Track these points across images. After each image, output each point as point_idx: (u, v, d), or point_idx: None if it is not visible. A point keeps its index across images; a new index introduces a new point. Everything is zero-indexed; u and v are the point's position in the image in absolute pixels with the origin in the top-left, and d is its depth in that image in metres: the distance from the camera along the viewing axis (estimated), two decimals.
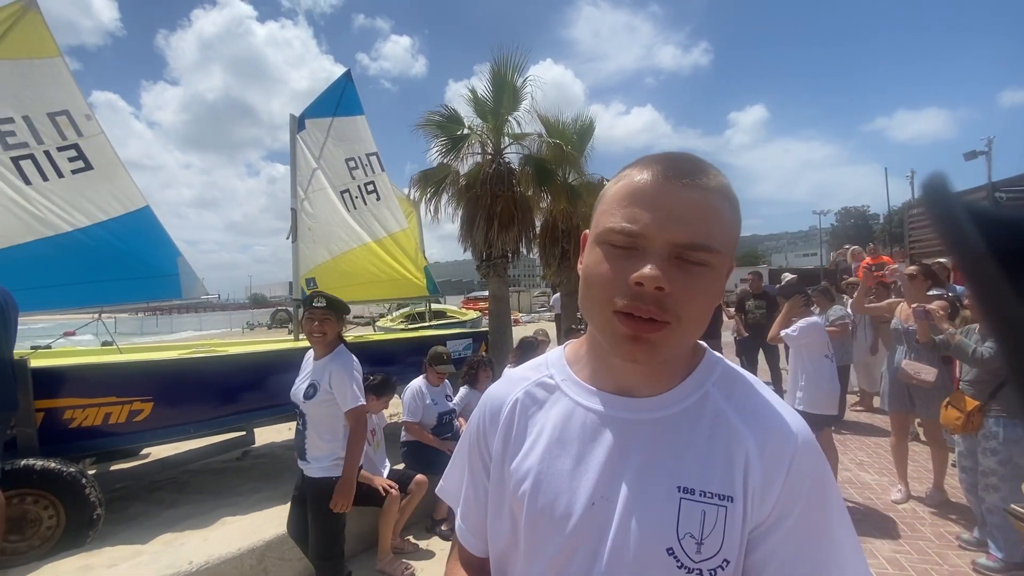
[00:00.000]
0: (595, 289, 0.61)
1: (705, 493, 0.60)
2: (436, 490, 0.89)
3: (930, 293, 3.78)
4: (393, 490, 3.20)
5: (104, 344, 5.37)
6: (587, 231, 0.67)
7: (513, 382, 0.77)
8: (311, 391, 2.47)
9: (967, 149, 22.31)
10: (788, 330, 3.70)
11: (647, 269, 0.56)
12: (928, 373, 3.61)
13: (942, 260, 7.68)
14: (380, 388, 3.41)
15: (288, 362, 4.87)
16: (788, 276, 8.30)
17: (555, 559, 0.64)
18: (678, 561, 0.58)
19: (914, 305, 3.52)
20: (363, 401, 2.52)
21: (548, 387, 0.73)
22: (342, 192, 6.16)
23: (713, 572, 0.58)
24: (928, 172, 0.31)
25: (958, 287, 5.26)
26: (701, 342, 0.70)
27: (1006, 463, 2.84)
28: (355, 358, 2.56)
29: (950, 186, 0.30)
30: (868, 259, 7.79)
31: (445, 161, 8.84)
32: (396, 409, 5.05)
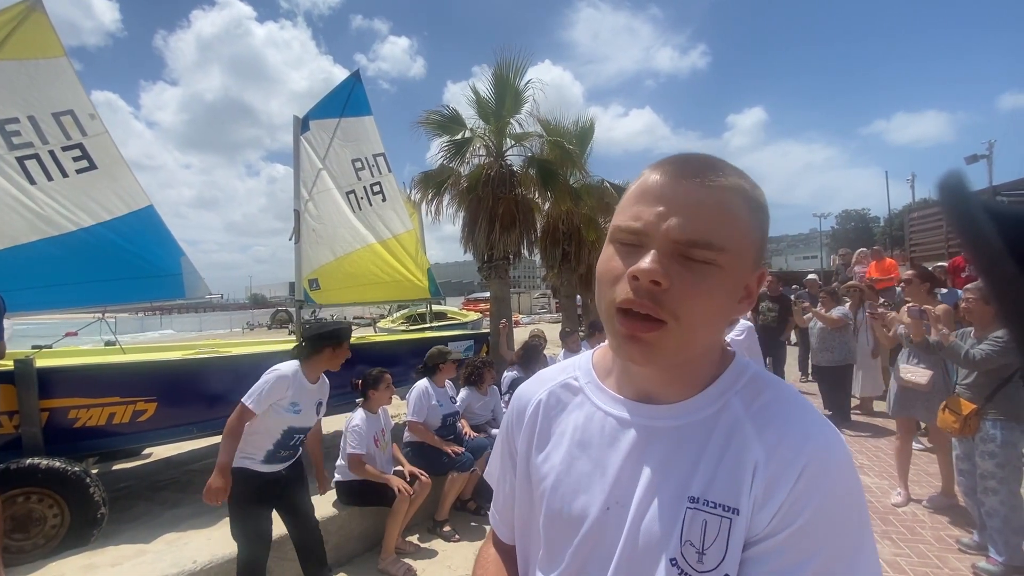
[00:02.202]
0: (602, 287, 0.61)
1: (709, 503, 0.58)
2: (484, 474, 0.91)
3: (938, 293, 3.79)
4: (407, 490, 3.25)
5: (107, 344, 5.38)
6: None
7: (541, 382, 0.79)
8: (320, 408, 2.76)
9: (967, 152, 22.44)
10: (732, 335, 3.71)
11: (643, 263, 0.56)
12: (921, 375, 3.61)
13: (943, 264, 7.71)
14: (377, 381, 3.47)
15: None
16: (811, 276, 8.31)
17: (571, 561, 0.65)
18: (681, 572, 0.57)
19: (908, 304, 3.54)
20: None
21: (572, 389, 0.74)
22: (348, 193, 6.16)
23: None
24: (944, 171, 0.31)
25: (958, 291, 5.28)
26: (730, 348, 0.69)
27: (1004, 466, 2.85)
28: None
29: (967, 185, 0.30)
30: (873, 264, 7.80)
31: (449, 164, 8.84)
32: (396, 411, 5.06)
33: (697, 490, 0.59)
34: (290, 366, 2.59)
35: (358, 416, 3.37)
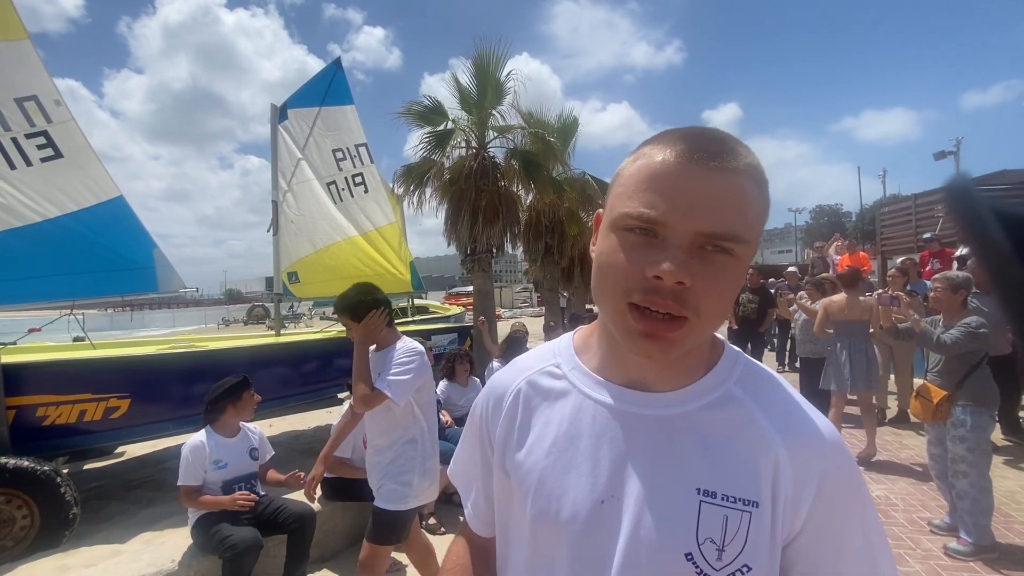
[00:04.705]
0: (608, 280, 0.56)
1: (728, 497, 0.57)
2: (448, 472, 0.87)
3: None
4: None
5: (76, 340, 5.19)
6: (601, 211, 0.63)
7: (518, 370, 0.73)
8: (257, 454, 3.01)
9: (933, 149, 23.29)
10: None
11: (666, 264, 0.52)
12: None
13: (913, 257, 7.96)
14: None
15: (267, 358, 4.80)
16: (791, 269, 8.47)
17: (563, 559, 0.61)
18: (697, 567, 0.55)
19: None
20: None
21: (555, 377, 0.69)
22: (329, 184, 6.01)
23: None
24: (952, 175, 0.31)
25: (928, 282, 5.46)
26: (717, 335, 0.66)
27: (974, 450, 2.96)
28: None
29: (974, 186, 0.30)
30: (847, 255, 8.02)
31: (432, 157, 8.74)
32: None
33: (709, 483, 0.58)
34: (199, 435, 2.81)
35: (345, 414, 3.32)
